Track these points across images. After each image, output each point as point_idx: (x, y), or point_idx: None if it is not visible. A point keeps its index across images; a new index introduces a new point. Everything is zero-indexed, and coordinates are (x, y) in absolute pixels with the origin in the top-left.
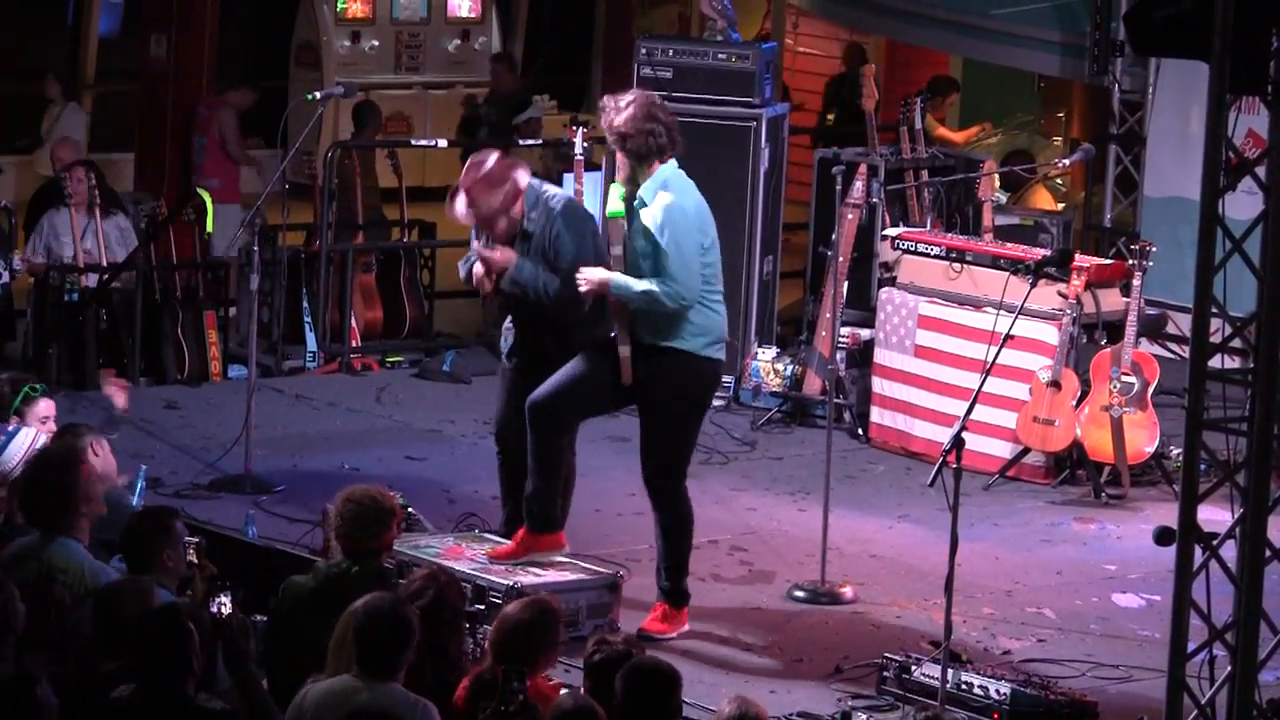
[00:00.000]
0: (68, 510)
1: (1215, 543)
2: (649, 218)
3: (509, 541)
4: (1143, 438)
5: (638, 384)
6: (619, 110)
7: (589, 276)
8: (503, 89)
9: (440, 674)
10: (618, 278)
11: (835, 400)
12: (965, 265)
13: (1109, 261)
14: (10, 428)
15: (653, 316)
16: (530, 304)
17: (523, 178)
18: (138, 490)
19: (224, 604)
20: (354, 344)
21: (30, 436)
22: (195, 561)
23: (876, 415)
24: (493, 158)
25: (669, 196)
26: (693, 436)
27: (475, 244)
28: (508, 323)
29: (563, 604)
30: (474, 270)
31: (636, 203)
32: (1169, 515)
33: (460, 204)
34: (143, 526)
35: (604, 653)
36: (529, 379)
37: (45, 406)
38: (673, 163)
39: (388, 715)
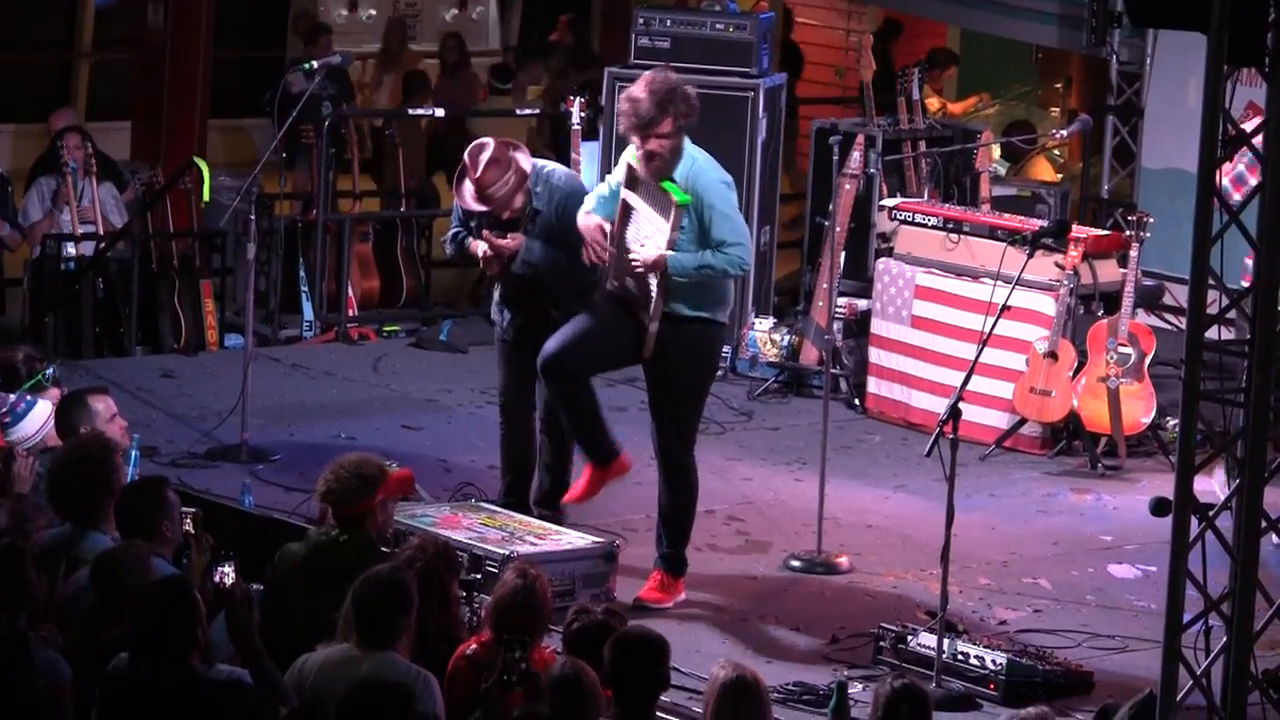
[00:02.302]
0: (101, 505)
1: (1211, 514)
2: (692, 191)
3: (510, 509)
4: (1139, 409)
5: (655, 353)
6: (656, 105)
7: (644, 258)
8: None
9: (431, 644)
10: (674, 256)
11: (832, 370)
12: (963, 236)
13: (1106, 233)
14: (28, 398)
15: (696, 288)
16: (538, 279)
17: (524, 159)
18: (132, 460)
19: (227, 574)
20: (351, 313)
21: (48, 411)
22: (193, 532)
23: (873, 385)
24: (491, 144)
25: (704, 167)
26: (705, 401)
27: (485, 233)
28: (497, 296)
29: (559, 573)
30: (481, 254)
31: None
32: (1165, 486)
33: (469, 193)
34: (139, 498)
35: (582, 623)
36: (527, 348)
37: (53, 395)
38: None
39: (393, 685)
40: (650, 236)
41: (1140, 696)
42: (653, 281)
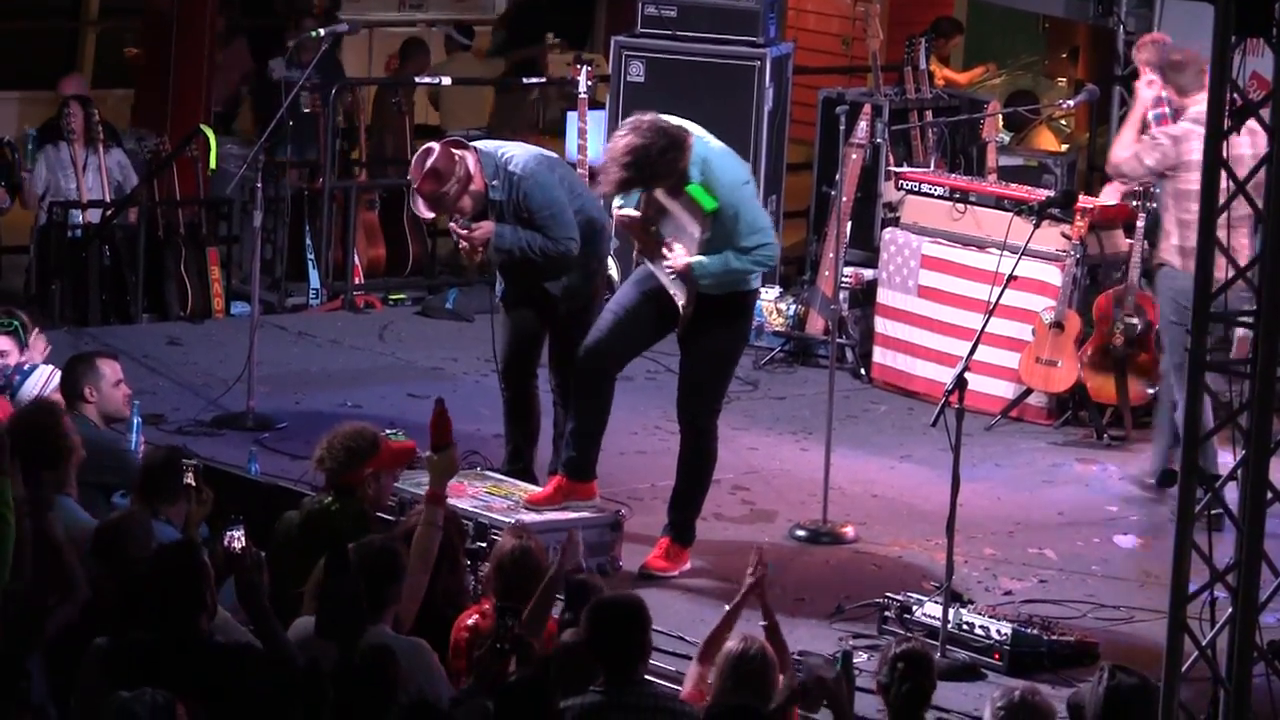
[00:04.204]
0: (59, 467)
1: (1217, 484)
2: (710, 195)
3: (513, 477)
4: (1145, 380)
5: (689, 325)
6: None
7: (675, 264)
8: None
9: (439, 607)
10: (698, 262)
11: (838, 340)
12: (969, 206)
13: (1113, 203)
14: (25, 365)
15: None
16: (516, 261)
17: (469, 157)
18: (135, 427)
19: (236, 538)
20: (357, 281)
21: (47, 374)
22: (194, 485)
23: (879, 355)
24: (435, 150)
25: (718, 171)
26: (734, 369)
27: (452, 225)
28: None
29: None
30: (457, 245)
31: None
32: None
33: (421, 205)
34: (163, 464)
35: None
36: (524, 316)
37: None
38: (686, 134)
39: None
40: (677, 238)
41: (1102, 684)
42: (683, 283)
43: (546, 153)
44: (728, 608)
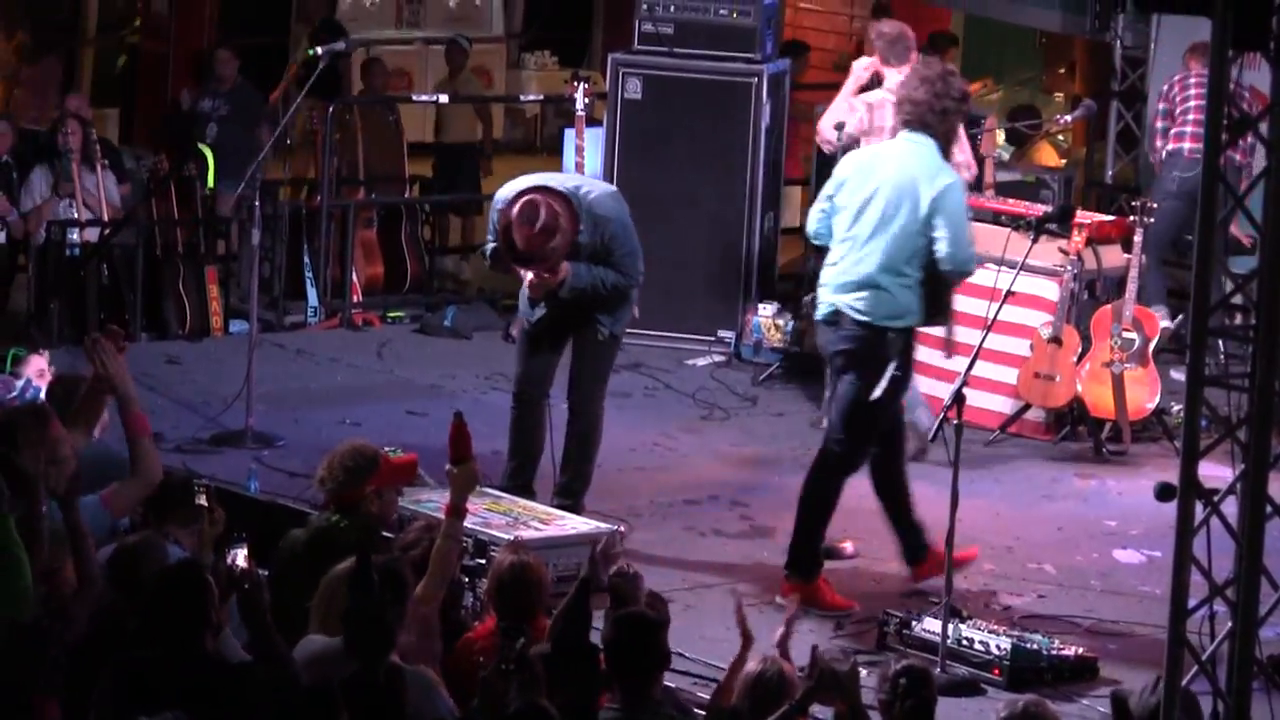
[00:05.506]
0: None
1: (1216, 499)
2: None
3: (513, 494)
4: (1143, 394)
5: None
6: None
7: None
8: (231, 79)
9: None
10: None
11: None
12: None
13: (1110, 218)
14: (19, 382)
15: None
16: (583, 297)
17: (567, 209)
18: None
19: (239, 556)
20: (355, 299)
21: (42, 395)
22: (206, 505)
23: None
24: (540, 205)
25: None
26: None
27: (535, 269)
28: (525, 288)
29: (564, 559)
30: (528, 283)
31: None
32: (1170, 471)
33: (518, 265)
34: (177, 487)
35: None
36: (551, 341)
37: (39, 361)
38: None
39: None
40: None
41: (1156, 694)
42: None
43: (612, 187)
44: (733, 659)
